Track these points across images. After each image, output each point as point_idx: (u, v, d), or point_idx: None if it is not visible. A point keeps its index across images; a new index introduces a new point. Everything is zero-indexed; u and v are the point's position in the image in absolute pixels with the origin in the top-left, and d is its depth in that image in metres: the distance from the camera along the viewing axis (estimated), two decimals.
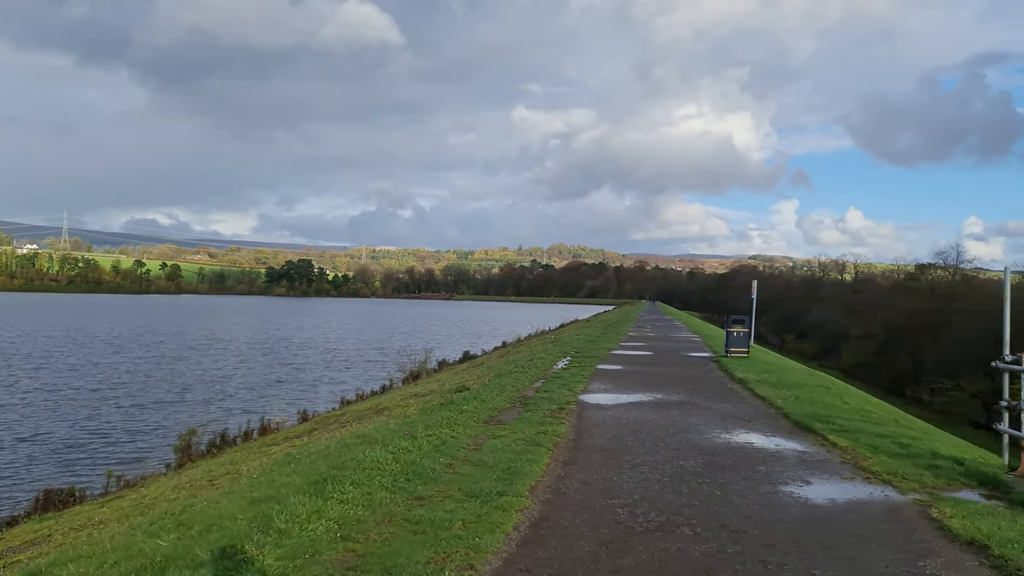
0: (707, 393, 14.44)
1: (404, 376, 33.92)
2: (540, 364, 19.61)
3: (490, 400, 12.87)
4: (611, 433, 10.26)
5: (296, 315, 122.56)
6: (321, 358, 52.62)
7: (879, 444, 9.43)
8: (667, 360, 22.00)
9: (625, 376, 17.38)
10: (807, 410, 11.98)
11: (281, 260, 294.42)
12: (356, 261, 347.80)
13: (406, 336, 78.51)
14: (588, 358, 21.33)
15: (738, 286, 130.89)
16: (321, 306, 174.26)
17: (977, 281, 77.64)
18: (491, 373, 20.55)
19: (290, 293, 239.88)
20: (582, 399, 13.39)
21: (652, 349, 26.49)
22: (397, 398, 21.37)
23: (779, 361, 24.45)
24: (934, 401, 65.32)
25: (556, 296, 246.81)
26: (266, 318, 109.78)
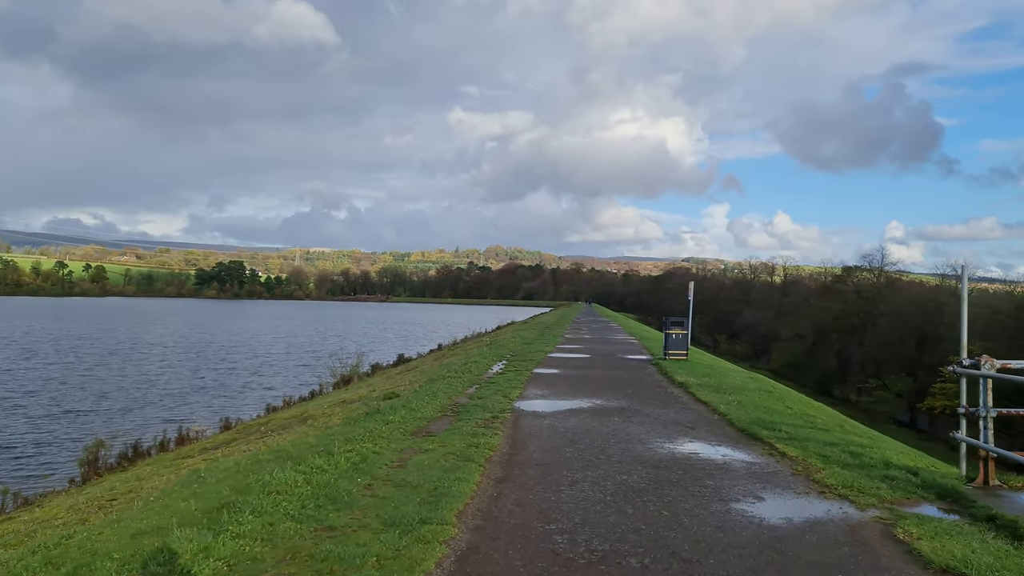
0: (648, 398, 13.84)
1: (335, 381, 32.71)
2: (475, 368, 18.79)
3: (420, 408, 12.00)
4: (548, 444, 9.51)
5: (226, 318, 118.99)
6: (250, 363, 50.76)
7: (829, 453, 8.91)
8: (605, 363, 21.43)
9: (563, 381, 16.70)
10: (751, 416, 11.45)
11: (212, 262, 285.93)
12: (289, 263, 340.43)
13: (340, 339, 76.70)
14: (525, 362, 20.61)
15: (672, 288, 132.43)
16: (253, 309, 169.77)
17: (900, 283, 79.81)
18: (424, 378, 19.65)
19: (221, 295, 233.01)
20: (518, 406, 12.63)
21: (590, 352, 25.94)
22: (324, 405, 20.28)
23: (718, 364, 24.13)
24: (860, 400, 66.77)
25: (493, 298, 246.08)
26: (194, 321, 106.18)
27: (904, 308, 68.30)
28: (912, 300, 69.94)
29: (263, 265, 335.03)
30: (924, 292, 73.62)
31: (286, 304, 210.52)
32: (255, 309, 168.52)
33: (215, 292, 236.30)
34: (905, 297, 71.78)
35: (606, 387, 15.48)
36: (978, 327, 60.52)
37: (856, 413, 59.68)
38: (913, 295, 72.21)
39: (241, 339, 72.78)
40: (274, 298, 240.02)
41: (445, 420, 11.08)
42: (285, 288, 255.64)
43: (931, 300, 67.91)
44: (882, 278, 77.89)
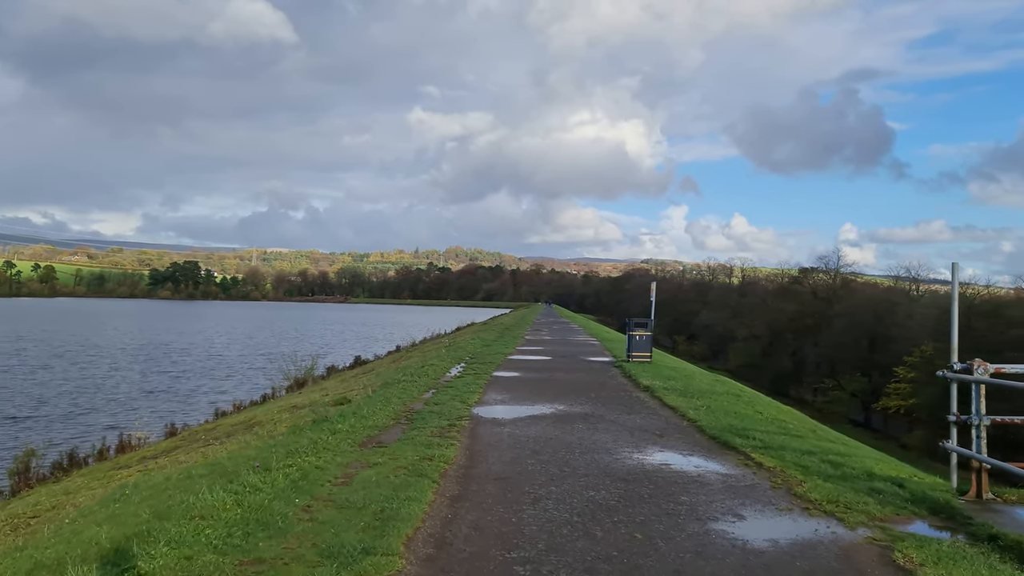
0: (613, 403, 13.18)
1: (289, 384, 31.62)
2: (432, 372, 17.99)
3: (372, 416, 11.17)
4: (509, 455, 8.77)
5: (180, 319, 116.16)
6: (202, 365, 49.21)
7: (808, 463, 8.32)
8: (567, 365, 20.78)
9: (523, 384, 15.98)
10: (722, 422, 10.86)
11: (166, 262, 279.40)
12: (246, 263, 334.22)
13: (297, 341, 75.13)
14: (484, 364, 19.86)
15: (631, 289, 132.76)
16: (208, 310, 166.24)
17: (854, 285, 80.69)
18: (379, 381, 18.79)
19: (175, 296, 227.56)
20: (476, 413, 11.87)
21: (551, 353, 25.28)
22: (274, 410, 19.29)
23: (682, 366, 23.62)
24: (816, 400, 67.29)
25: (453, 299, 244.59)
26: (146, 323, 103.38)
27: (858, 309, 69.01)
28: (866, 301, 70.71)
29: (219, 265, 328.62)
30: (877, 293, 74.56)
31: (242, 305, 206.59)
32: (210, 310, 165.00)
33: (169, 293, 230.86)
34: (859, 298, 72.54)
35: (569, 391, 14.81)
36: (928, 327, 61.43)
37: (812, 413, 59.84)
38: (867, 296, 73.03)
39: (194, 341, 70.81)
40: (230, 299, 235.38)
41: (398, 429, 10.29)
42: (241, 289, 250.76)
43: (884, 301, 68.74)
44: (837, 279, 78.68)
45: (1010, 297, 58.74)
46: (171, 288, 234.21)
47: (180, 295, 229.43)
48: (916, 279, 73.25)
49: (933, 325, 60.25)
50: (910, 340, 59.63)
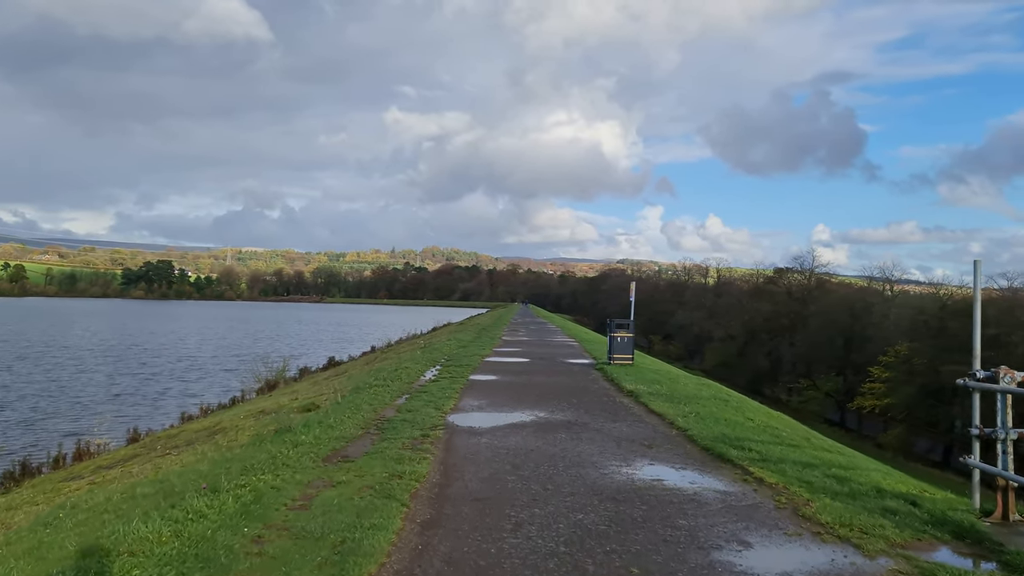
0: (596, 410, 12.43)
1: (259, 386, 30.66)
2: (406, 375, 17.16)
3: (339, 425, 10.34)
4: (487, 471, 8.00)
5: (153, 319, 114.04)
6: (173, 367, 47.89)
7: (812, 479, 7.63)
8: (546, 368, 20.03)
9: (502, 389, 15.21)
10: (713, 431, 10.16)
11: (140, 261, 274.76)
12: (221, 262, 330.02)
13: (271, 341, 73.82)
14: (460, 367, 19.06)
15: (607, 289, 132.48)
16: (181, 310, 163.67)
17: (829, 285, 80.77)
18: (351, 385, 17.94)
19: (149, 296, 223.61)
20: (452, 421, 11.08)
21: (529, 355, 24.52)
22: (240, 415, 18.39)
23: (665, 369, 22.91)
24: (791, 400, 67.13)
25: (429, 299, 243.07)
26: (117, 323, 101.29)
27: (833, 309, 69.05)
28: (841, 301, 70.76)
29: (194, 265, 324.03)
30: (852, 293, 74.63)
31: (217, 305, 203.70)
32: (184, 310, 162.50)
33: (142, 292, 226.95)
34: (834, 298, 72.58)
35: (549, 396, 14.06)
36: (903, 326, 61.52)
37: (787, 412, 59.46)
38: (841, 296, 73.09)
39: (166, 341, 69.26)
40: (204, 298, 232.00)
41: (367, 440, 9.47)
42: (216, 288, 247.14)
43: (859, 301, 68.79)
44: (812, 279, 78.73)
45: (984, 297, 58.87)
46: (144, 288, 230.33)
47: (153, 295, 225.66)
48: (890, 280, 73.45)
49: (908, 325, 60.39)
50: (885, 340, 59.62)
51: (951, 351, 50.97)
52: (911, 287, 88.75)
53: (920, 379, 51.37)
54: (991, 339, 48.32)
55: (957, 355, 50.02)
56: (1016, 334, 47.99)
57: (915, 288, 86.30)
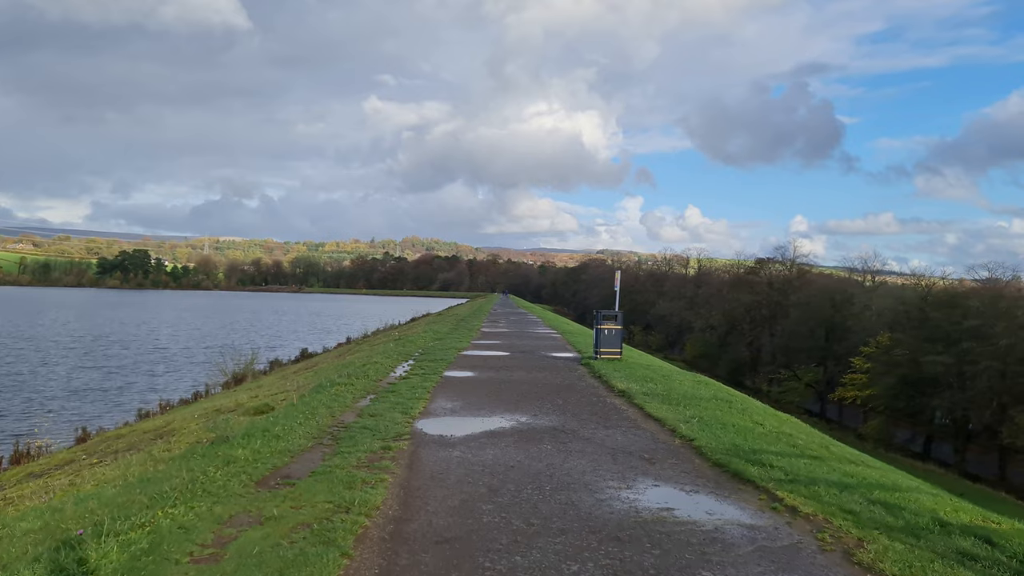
0: (585, 413, 10.91)
1: (226, 380, 28.97)
2: (374, 371, 15.58)
3: (287, 434, 8.77)
4: (458, 497, 6.48)
5: (126, 309, 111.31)
6: (140, 360, 45.91)
7: (855, 506, 6.18)
8: (528, 363, 18.49)
9: (478, 387, 13.68)
10: (722, 440, 8.70)
11: (116, 250, 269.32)
12: (198, 252, 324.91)
13: (246, 332, 71.88)
14: (434, 361, 17.50)
15: (588, 279, 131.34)
16: (157, 299, 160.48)
17: (810, 275, 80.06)
18: (316, 381, 16.36)
19: (124, 285, 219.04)
20: (420, 428, 9.53)
21: (509, 348, 22.99)
22: (196, 413, 16.75)
23: (657, 364, 21.36)
24: (771, 391, 66.43)
25: (409, 289, 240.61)
26: (90, 312, 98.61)
27: (814, 299, 68.27)
28: (821, 291, 70.01)
29: (171, 254, 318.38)
30: (833, 283, 73.89)
31: (193, 294, 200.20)
32: (159, 299, 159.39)
33: (118, 282, 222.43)
34: (815, 288, 71.81)
35: (532, 396, 12.54)
36: (886, 318, 60.78)
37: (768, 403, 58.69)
38: (822, 286, 72.35)
39: (136, 333, 67.05)
40: (181, 288, 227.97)
41: (316, 453, 7.92)
42: (193, 278, 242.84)
43: (840, 291, 68.04)
44: (793, 270, 77.98)
45: (965, 287, 58.15)
46: (120, 277, 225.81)
47: (129, 284, 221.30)
48: (871, 270, 72.68)
49: (890, 316, 59.63)
50: (866, 331, 58.84)
51: (933, 342, 50.24)
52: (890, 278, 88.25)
53: (902, 370, 50.64)
54: (974, 330, 47.56)
55: (940, 346, 49.30)
56: (998, 325, 47.27)
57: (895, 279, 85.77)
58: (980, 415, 45.07)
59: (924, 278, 64.21)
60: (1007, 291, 53.61)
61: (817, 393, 63.69)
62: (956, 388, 47.95)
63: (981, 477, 42.87)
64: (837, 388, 57.61)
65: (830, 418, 61.16)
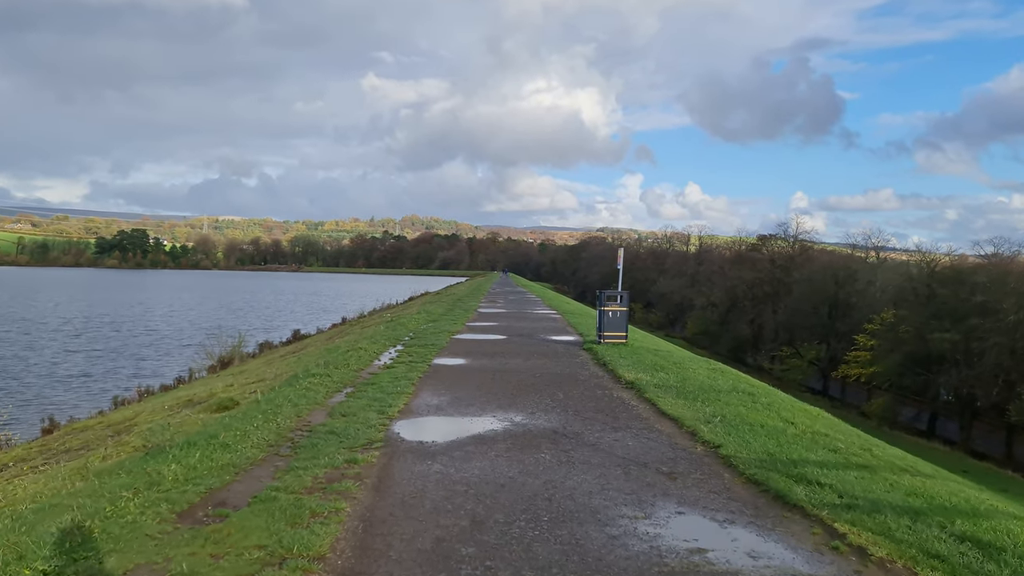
0: (590, 410, 9.47)
1: (212, 364, 27.67)
2: (357, 358, 14.16)
3: (239, 441, 7.35)
4: (431, 533, 5.05)
5: (123, 289, 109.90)
6: (132, 342, 44.59)
7: (938, 545, 4.75)
8: (525, 348, 17.03)
9: (470, 378, 12.25)
10: (752, 447, 7.28)
11: (114, 230, 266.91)
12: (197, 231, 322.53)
13: (243, 312, 70.64)
14: (424, 347, 16.08)
15: (588, 257, 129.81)
16: (155, 279, 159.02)
17: (812, 252, 78.77)
18: (297, 368, 14.96)
19: (122, 265, 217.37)
20: (396, 432, 8.10)
21: (505, 331, 21.54)
22: (166, 404, 15.36)
23: (666, 348, 19.74)
24: (773, 368, 65.38)
25: (408, 268, 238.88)
26: (85, 293, 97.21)
27: (816, 276, 66.99)
28: (824, 268, 68.69)
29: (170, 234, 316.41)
30: (836, 260, 72.49)
31: (192, 274, 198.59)
32: (157, 279, 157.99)
33: (116, 262, 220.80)
34: (817, 265, 70.51)
35: (529, 389, 11.10)
36: (890, 293, 59.44)
37: (770, 381, 57.57)
38: (825, 263, 71.03)
39: (131, 313, 65.68)
40: (180, 268, 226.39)
41: (267, 469, 6.50)
42: (191, 257, 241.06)
43: (843, 268, 66.70)
44: (796, 246, 76.67)
45: (970, 263, 56.74)
46: (118, 257, 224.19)
47: (128, 264, 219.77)
48: (876, 247, 71.13)
49: (894, 292, 58.27)
50: (870, 307, 57.54)
51: (940, 318, 48.94)
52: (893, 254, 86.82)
53: (907, 347, 49.49)
54: (980, 306, 46.31)
55: (946, 322, 47.99)
56: (1007, 301, 46.07)
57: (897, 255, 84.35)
58: (987, 392, 44.07)
59: (928, 254, 62.74)
60: (1014, 267, 52.31)
61: (820, 371, 62.60)
62: (963, 365, 46.86)
63: (987, 455, 41.95)
64: (840, 366, 56.50)
65: (833, 396, 60.09)
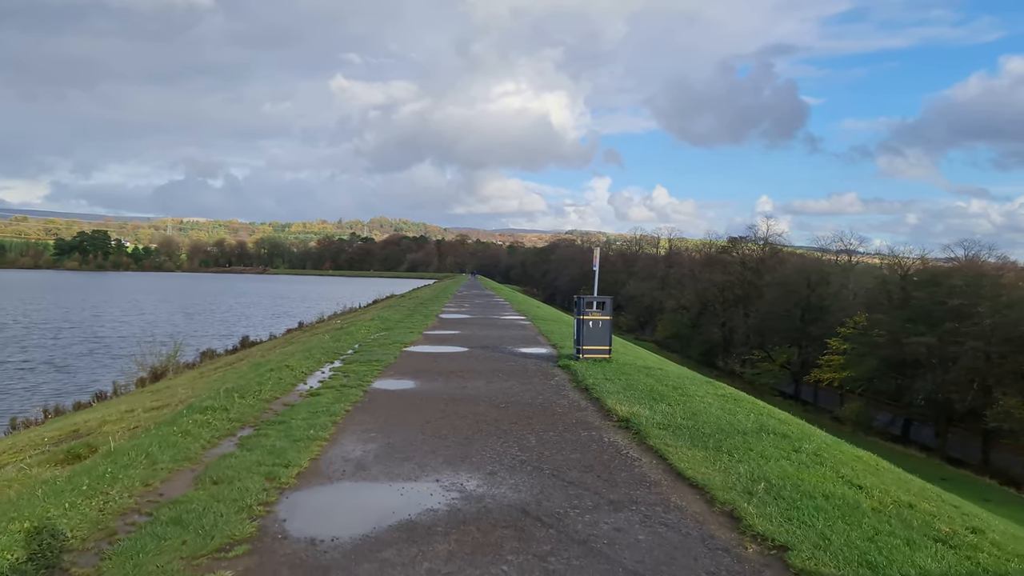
0: (574, 467, 6.58)
1: (142, 376, 24.55)
2: (278, 380, 11.21)
3: (11, 547, 4.51)
4: None
5: (77, 292, 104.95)
6: (71, 351, 40.87)
7: None
8: (489, 364, 14.13)
9: (413, 410, 9.38)
10: (834, 546, 4.52)
11: (76, 231, 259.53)
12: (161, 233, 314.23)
13: (200, 317, 66.91)
14: (367, 364, 13.18)
15: (558, 259, 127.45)
16: (114, 281, 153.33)
17: (783, 254, 77.36)
18: (214, 388, 12.01)
19: (83, 267, 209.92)
20: (281, 518, 5.19)
21: (468, 341, 18.65)
22: (38, 439, 12.29)
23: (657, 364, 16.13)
24: (744, 372, 63.63)
25: (377, 270, 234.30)
26: (35, 296, 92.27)
27: (788, 279, 65.31)
28: (797, 270, 67.04)
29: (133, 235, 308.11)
30: (809, 263, 70.87)
31: (154, 276, 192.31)
32: (117, 281, 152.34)
33: (76, 263, 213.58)
34: (789, 268, 68.89)
35: (490, 429, 8.25)
36: (862, 297, 57.81)
37: (741, 385, 55.71)
38: (797, 266, 69.43)
39: (80, 318, 61.57)
40: (142, 270, 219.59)
41: None
42: (154, 259, 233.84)
43: (815, 271, 65.09)
44: (767, 249, 75.18)
45: (945, 267, 55.26)
46: (79, 259, 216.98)
47: (88, 266, 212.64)
48: (847, 250, 69.47)
49: (867, 296, 56.59)
50: (843, 311, 55.89)
51: (914, 322, 47.21)
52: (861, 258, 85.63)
53: (882, 351, 47.81)
54: (955, 310, 44.70)
55: (922, 326, 46.25)
56: (983, 304, 44.52)
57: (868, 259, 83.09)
58: (963, 397, 42.57)
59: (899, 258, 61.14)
60: (987, 269, 51.01)
61: (792, 375, 60.92)
62: (938, 369, 45.31)
63: (964, 461, 40.39)
64: (813, 370, 54.76)
65: (805, 400, 58.50)
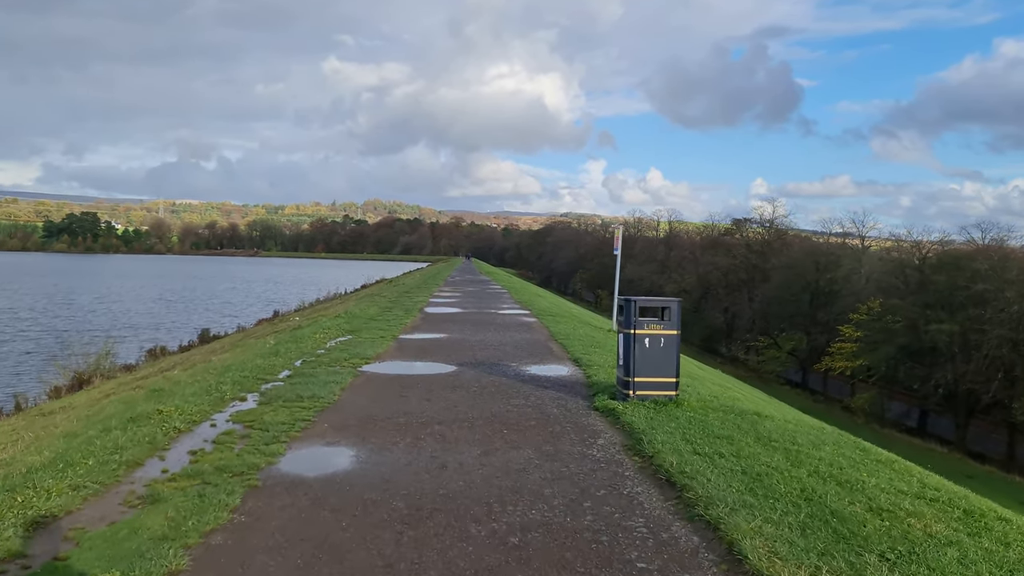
0: None
1: (66, 383, 20.00)
2: (131, 438, 6.71)
3: None
4: None
5: (59, 275, 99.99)
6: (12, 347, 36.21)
7: None
8: (485, 403, 9.21)
9: (367, 507, 4.88)
10: None
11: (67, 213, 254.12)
12: (153, 215, 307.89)
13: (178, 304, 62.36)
14: (291, 407, 8.32)
15: (553, 242, 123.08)
16: (102, 264, 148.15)
17: (789, 237, 73.17)
18: (111, 417, 7.49)
19: (72, 249, 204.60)
20: None
21: (456, 351, 13.89)
22: None
23: (747, 400, 10.60)
24: (749, 359, 59.69)
25: (370, 253, 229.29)
26: (11, 280, 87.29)
27: (797, 262, 61.09)
28: (805, 253, 62.78)
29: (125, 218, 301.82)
30: (817, 245, 66.54)
31: (143, 259, 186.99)
32: (104, 264, 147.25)
33: (65, 246, 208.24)
34: (797, 251, 64.68)
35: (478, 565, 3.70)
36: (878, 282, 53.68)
37: (745, 372, 51.77)
38: (806, 248, 65.20)
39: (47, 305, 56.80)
40: (132, 252, 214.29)
41: None
42: (145, 242, 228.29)
43: (825, 253, 60.86)
44: (773, 231, 71.06)
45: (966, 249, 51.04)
46: (67, 241, 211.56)
47: (77, 248, 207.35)
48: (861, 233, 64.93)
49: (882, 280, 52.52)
50: (855, 296, 51.87)
51: (934, 308, 43.48)
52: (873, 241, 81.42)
53: (900, 339, 43.94)
54: (979, 295, 41.08)
55: (942, 313, 42.37)
56: (1010, 290, 40.64)
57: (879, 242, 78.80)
58: (987, 388, 38.71)
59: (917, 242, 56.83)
60: (1012, 252, 47.00)
61: (799, 362, 57.08)
62: (960, 359, 41.55)
63: (986, 456, 36.86)
64: (823, 358, 50.77)
65: (814, 389, 54.79)
